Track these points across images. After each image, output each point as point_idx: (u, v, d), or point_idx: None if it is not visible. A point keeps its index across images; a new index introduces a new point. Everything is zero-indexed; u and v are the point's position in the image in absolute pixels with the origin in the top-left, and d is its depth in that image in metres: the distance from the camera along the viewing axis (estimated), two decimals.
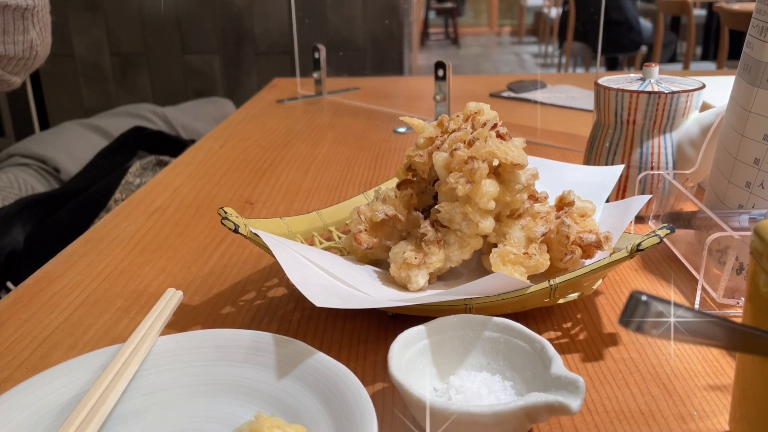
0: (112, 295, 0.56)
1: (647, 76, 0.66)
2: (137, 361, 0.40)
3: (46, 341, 0.49)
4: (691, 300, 0.53)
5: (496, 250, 0.49)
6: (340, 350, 0.47)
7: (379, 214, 0.52)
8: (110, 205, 0.97)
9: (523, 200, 0.50)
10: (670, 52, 4.15)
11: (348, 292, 0.48)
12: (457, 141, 0.50)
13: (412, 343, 0.41)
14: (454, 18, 7.61)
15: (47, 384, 0.38)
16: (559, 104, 1.22)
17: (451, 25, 7.76)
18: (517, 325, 0.41)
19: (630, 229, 0.64)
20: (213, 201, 0.77)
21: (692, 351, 0.46)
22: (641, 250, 0.43)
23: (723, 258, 0.51)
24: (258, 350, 0.41)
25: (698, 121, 0.64)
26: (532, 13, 7.44)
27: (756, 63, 0.50)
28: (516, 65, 6.19)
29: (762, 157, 0.50)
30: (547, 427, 0.39)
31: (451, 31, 7.80)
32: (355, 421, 0.34)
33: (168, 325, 0.47)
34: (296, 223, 0.58)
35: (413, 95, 1.41)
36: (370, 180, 0.84)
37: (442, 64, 0.98)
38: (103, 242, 0.66)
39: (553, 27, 5.38)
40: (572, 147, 0.94)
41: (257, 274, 0.59)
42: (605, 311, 0.51)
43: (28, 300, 0.55)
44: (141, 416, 0.39)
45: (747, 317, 0.34)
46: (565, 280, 0.45)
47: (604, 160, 0.67)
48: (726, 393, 0.42)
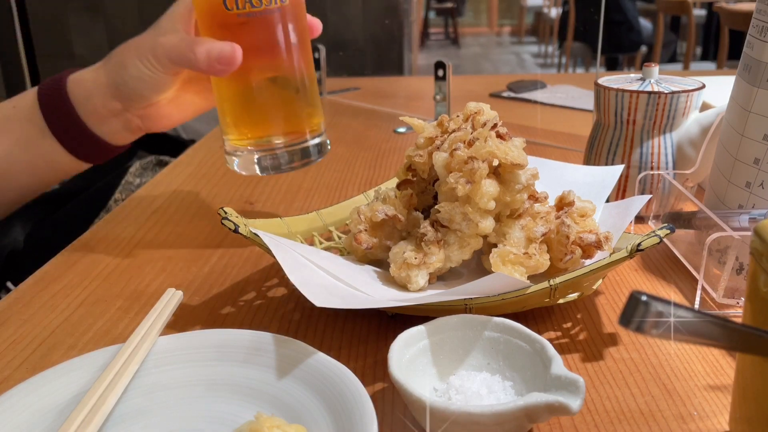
0: (112, 295, 0.56)
1: (647, 76, 0.66)
2: (137, 361, 0.40)
3: (46, 341, 0.49)
4: (691, 300, 0.53)
5: (496, 250, 0.49)
6: (340, 350, 0.47)
7: (379, 214, 0.52)
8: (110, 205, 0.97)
9: (523, 200, 0.50)
10: (670, 52, 4.15)
11: (348, 292, 0.48)
12: (457, 141, 0.50)
13: (412, 343, 0.41)
14: (454, 18, 7.61)
15: (47, 384, 0.38)
16: (559, 104, 1.22)
17: (451, 25, 7.76)
18: (517, 325, 0.41)
19: (630, 229, 0.64)
20: (213, 201, 0.77)
21: (692, 351, 0.46)
22: (641, 250, 0.43)
23: (723, 258, 0.51)
24: (258, 350, 0.41)
25: (698, 121, 0.64)
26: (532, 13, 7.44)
27: (756, 63, 0.50)
28: (516, 65, 6.19)
29: (762, 157, 0.50)
30: (547, 427, 0.39)
31: (451, 31, 7.80)
32: (355, 421, 0.34)
33: (168, 325, 0.47)
34: (296, 223, 0.58)
35: (413, 95, 1.41)
36: (370, 180, 0.84)
37: (442, 64, 0.98)
38: (103, 242, 0.66)
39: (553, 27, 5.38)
40: (572, 147, 0.94)
41: (257, 274, 0.59)
42: (605, 311, 0.51)
43: (28, 300, 0.55)
44: (141, 416, 0.39)
45: (747, 317, 0.34)
46: (565, 280, 0.45)
47: (604, 160, 0.68)
48: (726, 393, 0.42)
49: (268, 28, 0.59)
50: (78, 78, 0.61)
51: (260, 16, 0.58)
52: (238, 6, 0.57)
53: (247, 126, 0.63)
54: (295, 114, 0.63)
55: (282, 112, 0.63)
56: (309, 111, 0.64)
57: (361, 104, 1.26)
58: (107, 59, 0.62)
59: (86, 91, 0.61)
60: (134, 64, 0.59)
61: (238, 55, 0.57)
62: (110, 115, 0.62)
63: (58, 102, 0.60)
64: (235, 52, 0.57)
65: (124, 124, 0.63)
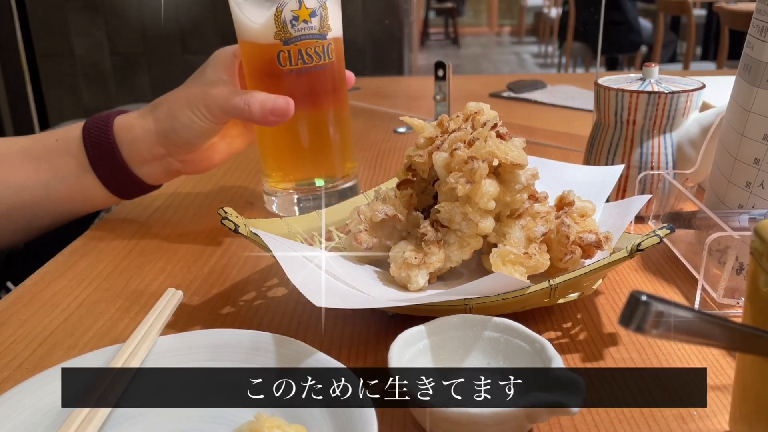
0: (112, 295, 0.56)
1: (647, 76, 0.66)
2: (137, 361, 0.40)
3: (46, 341, 0.49)
4: (691, 300, 0.53)
5: (496, 250, 0.49)
6: (340, 350, 0.47)
7: (379, 214, 0.52)
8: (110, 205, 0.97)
9: (523, 200, 0.50)
10: (670, 52, 4.15)
11: (348, 292, 0.48)
12: (457, 141, 0.50)
13: (412, 343, 0.41)
14: (454, 18, 7.61)
15: (47, 384, 0.38)
16: (559, 104, 1.22)
17: (451, 25, 7.77)
18: (517, 325, 0.41)
19: (630, 229, 0.64)
20: (213, 201, 0.77)
21: (692, 351, 0.46)
22: (641, 250, 0.43)
23: (723, 258, 0.51)
24: (258, 350, 0.41)
25: (698, 121, 0.64)
26: (532, 13, 7.45)
27: (756, 63, 0.50)
28: (516, 65, 6.19)
29: (762, 157, 0.50)
30: (547, 427, 0.39)
31: (451, 31, 7.80)
32: (355, 421, 0.34)
33: (168, 325, 0.47)
34: (296, 223, 0.58)
35: (413, 95, 1.41)
36: (370, 180, 0.84)
37: (442, 64, 0.98)
38: (103, 242, 0.66)
39: (553, 27, 5.38)
40: (572, 147, 0.94)
41: (257, 274, 0.59)
42: (605, 311, 0.51)
43: (28, 300, 0.55)
44: (141, 416, 0.39)
45: (747, 317, 0.34)
46: (565, 280, 0.45)
47: (604, 160, 0.67)
48: (726, 393, 0.42)
49: (314, 82, 0.64)
50: (126, 123, 0.64)
51: (308, 71, 0.63)
52: (291, 63, 0.62)
53: (289, 169, 0.69)
54: (333, 159, 0.68)
55: (322, 157, 0.68)
56: (345, 156, 0.69)
57: (361, 104, 1.26)
58: (154, 107, 0.64)
59: (133, 136, 0.63)
60: (185, 113, 0.62)
61: (291, 108, 0.61)
62: (153, 158, 0.64)
63: (103, 143, 0.63)
64: (289, 106, 0.61)
65: (165, 167, 0.66)
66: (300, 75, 0.63)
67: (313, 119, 0.66)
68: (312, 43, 0.62)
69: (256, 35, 0.62)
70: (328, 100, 0.66)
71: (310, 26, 0.61)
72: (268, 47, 0.61)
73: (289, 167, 0.69)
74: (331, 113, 0.67)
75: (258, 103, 0.60)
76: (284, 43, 0.61)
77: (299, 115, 0.64)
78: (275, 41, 0.61)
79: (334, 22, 0.63)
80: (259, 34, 0.61)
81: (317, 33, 0.62)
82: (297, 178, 0.68)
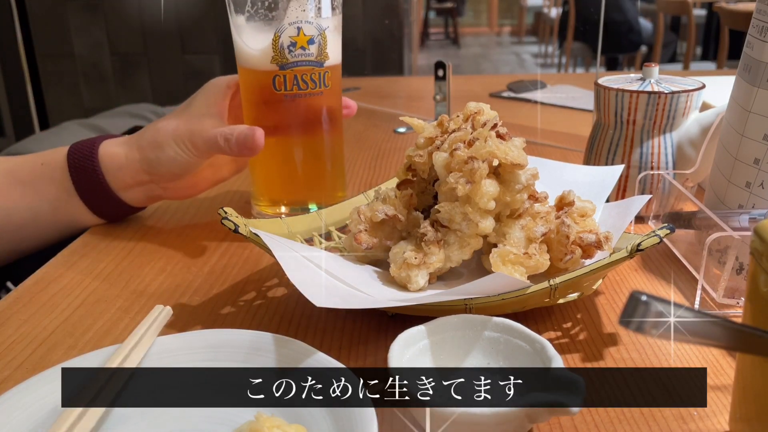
0: (112, 295, 0.56)
1: (647, 76, 0.66)
2: (137, 360, 0.40)
3: (46, 341, 0.49)
4: (691, 300, 0.53)
5: (496, 250, 0.49)
6: (340, 350, 0.47)
7: (379, 214, 0.52)
8: None
9: (523, 200, 0.50)
10: (670, 52, 4.15)
11: (348, 292, 0.48)
12: (457, 141, 0.50)
13: (412, 343, 0.41)
14: (454, 18, 7.62)
15: (47, 384, 0.38)
16: (559, 104, 1.22)
17: (451, 25, 7.77)
18: (517, 325, 0.41)
19: (630, 229, 0.64)
20: (213, 201, 0.77)
21: (692, 351, 0.46)
22: (641, 250, 0.43)
23: (723, 258, 0.51)
24: (258, 350, 0.41)
25: (698, 121, 0.64)
26: (532, 13, 7.45)
27: (756, 63, 0.50)
28: (516, 65, 6.19)
29: (762, 157, 0.50)
30: (547, 427, 0.39)
31: (451, 31, 7.80)
32: (355, 421, 0.34)
33: (168, 325, 0.47)
34: (296, 223, 0.58)
35: (413, 95, 1.41)
36: (370, 180, 0.84)
37: (442, 64, 0.98)
38: (103, 242, 0.66)
39: (553, 27, 5.38)
40: (572, 147, 0.94)
41: (257, 274, 0.59)
42: (605, 311, 0.51)
43: (28, 300, 0.55)
44: (141, 416, 0.39)
45: (747, 317, 0.34)
46: (565, 280, 0.45)
47: (604, 160, 0.67)
48: (726, 393, 0.42)
49: (308, 108, 0.65)
50: (110, 151, 0.64)
51: (303, 97, 0.63)
52: (286, 88, 0.62)
53: (281, 194, 0.69)
54: (322, 187, 0.69)
55: (312, 185, 0.68)
56: (336, 185, 0.70)
57: (361, 104, 1.26)
58: (140, 136, 0.65)
59: (117, 163, 0.64)
60: (171, 146, 0.62)
61: (258, 137, 0.61)
62: (136, 185, 0.65)
63: (88, 170, 0.63)
64: (255, 135, 0.61)
65: (147, 193, 0.67)
66: (294, 101, 0.63)
67: (306, 146, 0.67)
68: (308, 69, 0.62)
69: (254, 61, 0.62)
70: (322, 128, 0.66)
71: (307, 53, 0.61)
72: (265, 72, 0.62)
73: (276, 192, 0.69)
74: (324, 141, 0.67)
75: (234, 137, 0.61)
76: (281, 68, 0.61)
77: (292, 142, 0.66)
78: (272, 66, 0.61)
79: (333, 51, 0.64)
80: (256, 59, 0.62)
81: (314, 60, 0.62)
82: (289, 203, 0.69)
